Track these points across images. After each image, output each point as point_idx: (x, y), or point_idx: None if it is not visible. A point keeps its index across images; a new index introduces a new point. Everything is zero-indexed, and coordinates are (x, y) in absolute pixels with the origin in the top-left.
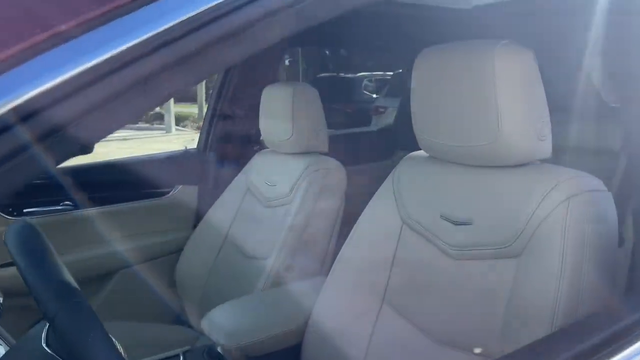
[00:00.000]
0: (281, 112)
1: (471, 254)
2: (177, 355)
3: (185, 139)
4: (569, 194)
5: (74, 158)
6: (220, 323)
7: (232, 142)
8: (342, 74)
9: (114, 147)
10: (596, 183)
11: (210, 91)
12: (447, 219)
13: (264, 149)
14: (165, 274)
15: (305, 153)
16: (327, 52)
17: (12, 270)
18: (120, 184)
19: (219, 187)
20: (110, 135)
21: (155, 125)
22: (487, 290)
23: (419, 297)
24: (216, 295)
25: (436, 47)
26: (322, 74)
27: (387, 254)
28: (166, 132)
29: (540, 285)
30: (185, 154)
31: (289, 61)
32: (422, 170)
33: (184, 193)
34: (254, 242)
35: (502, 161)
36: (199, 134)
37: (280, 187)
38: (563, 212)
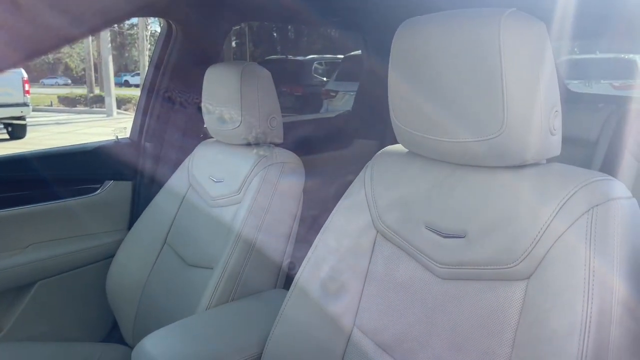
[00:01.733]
0: (227, 96)
1: (463, 273)
2: None
3: (128, 124)
4: (591, 202)
5: None
6: (153, 356)
7: (171, 130)
8: (291, 57)
9: (49, 132)
10: (621, 188)
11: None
12: (433, 230)
13: (208, 138)
14: (94, 284)
15: (257, 144)
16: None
17: None
18: (39, 180)
19: (157, 183)
20: (45, 118)
21: (95, 109)
22: (484, 320)
23: (396, 323)
24: (153, 310)
25: (422, 17)
26: (271, 56)
27: (358, 268)
28: (107, 116)
29: (561, 315)
30: (116, 145)
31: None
32: (401, 169)
33: (116, 190)
34: (196, 248)
35: (505, 160)
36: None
37: (227, 183)
38: (585, 225)
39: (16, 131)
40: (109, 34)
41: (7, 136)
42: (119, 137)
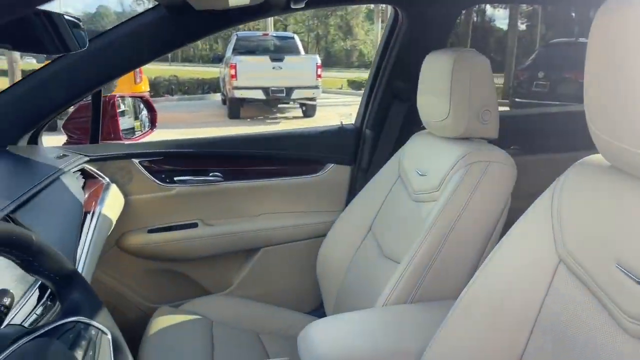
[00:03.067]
0: (437, 85)
1: None
2: None
3: None
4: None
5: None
6: (313, 342)
7: (391, 119)
8: (582, 39)
9: (334, 112)
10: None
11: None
12: (627, 271)
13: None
14: (308, 258)
15: (465, 139)
16: (573, 13)
17: None
18: (269, 158)
19: (375, 169)
20: (333, 100)
21: None
22: None
23: None
24: (349, 293)
25: None
26: (558, 39)
27: (531, 300)
28: None
29: None
30: (340, 131)
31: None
32: (597, 187)
33: (336, 173)
34: (392, 241)
35: None
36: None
37: (429, 178)
38: None
39: (308, 110)
40: None
41: (301, 114)
42: (343, 123)
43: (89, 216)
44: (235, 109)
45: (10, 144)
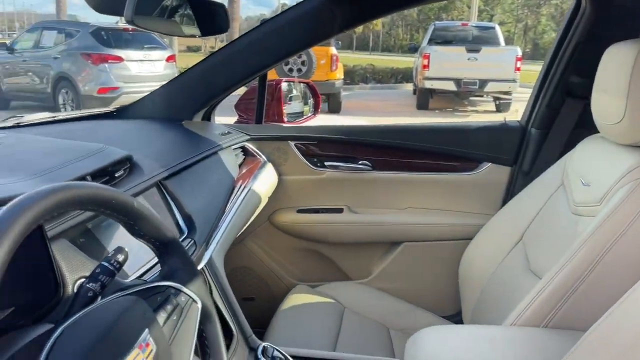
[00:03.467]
0: (614, 82)
1: None
2: None
3: None
4: None
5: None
6: (421, 348)
7: (562, 119)
8: None
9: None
10: None
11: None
12: None
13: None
14: (450, 260)
15: None
16: None
17: None
18: (422, 151)
19: (537, 173)
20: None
21: None
22: None
23: None
24: (489, 303)
25: None
26: None
27: None
28: None
29: None
30: (502, 128)
31: None
32: None
33: (493, 173)
34: (541, 255)
35: None
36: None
37: (592, 190)
38: None
39: (502, 105)
40: None
41: (493, 109)
42: (506, 120)
43: (238, 190)
44: (424, 99)
45: (187, 120)
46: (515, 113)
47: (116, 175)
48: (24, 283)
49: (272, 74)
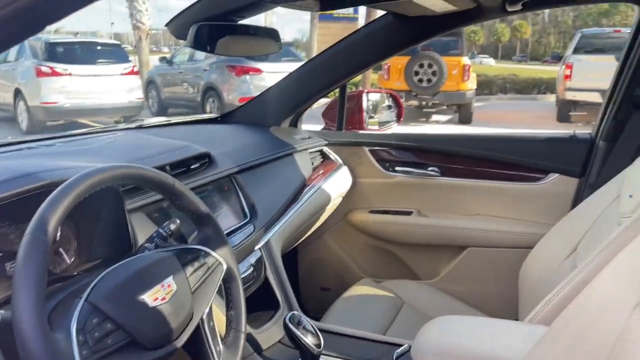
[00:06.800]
0: None
1: None
2: None
3: None
4: None
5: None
6: (427, 332)
7: (629, 131)
8: None
9: None
10: None
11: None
12: None
13: None
14: (512, 268)
15: None
16: None
17: None
18: (490, 160)
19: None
20: None
21: None
22: None
23: None
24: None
25: None
26: None
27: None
28: None
29: None
30: (571, 139)
31: None
32: None
33: (560, 184)
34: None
35: None
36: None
37: (634, 200)
38: None
39: None
40: None
41: None
42: (576, 132)
43: (308, 188)
44: (565, 111)
45: (275, 125)
46: None
47: (192, 167)
48: (108, 241)
49: (403, 84)
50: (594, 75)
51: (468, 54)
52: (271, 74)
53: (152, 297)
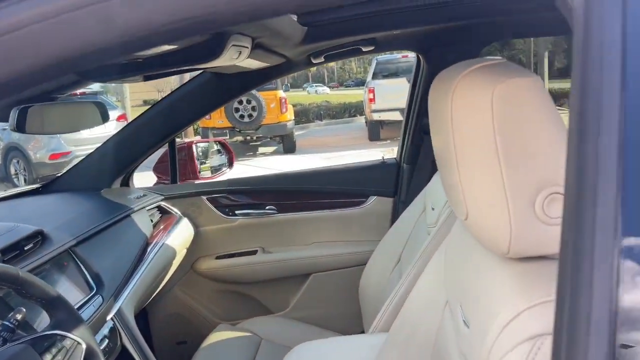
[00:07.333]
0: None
1: None
2: None
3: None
4: None
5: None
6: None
7: (424, 154)
8: None
9: None
10: None
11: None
12: None
13: None
14: (353, 284)
15: None
16: None
17: None
18: (318, 192)
19: (411, 201)
20: None
21: None
22: None
23: None
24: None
25: None
26: None
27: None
28: None
29: None
30: (382, 165)
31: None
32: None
33: (379, 205)
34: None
35: None
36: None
37: (435, 212)
38: None
39: None
40: None
41: None
42: (384, 158)
43: (151, 247)
44: (375, 131)
45: (106, 187)
46: None
47: (26, 249)
48: None
49: (226, 122)
50: (392, 97)
51: (281, 87)
52: None
53: None
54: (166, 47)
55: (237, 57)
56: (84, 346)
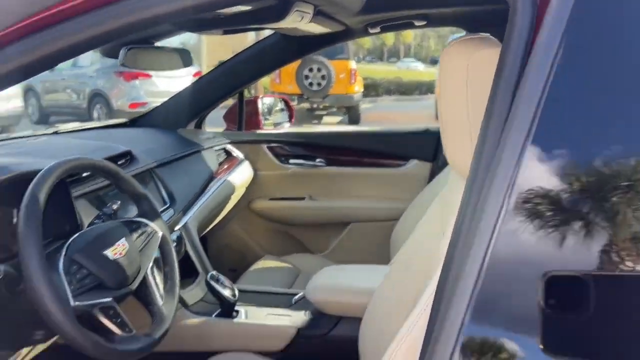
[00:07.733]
0: None
1: None
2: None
3: None
4: None
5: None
6: (316, 277)
7: None
8: None
9: None
10: None
11: None
12: None
13: None
14: (385, 236)
15: None
16: None
17: None
18: (364, 150)
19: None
20: None
21: None
22: None
23: None
24: None
25: None
26: None
27: None
28: None
29: None
30: (425, 132)
31: None
32: None
33: (418, 168)
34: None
35: None
36: None
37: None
38: None
39: None
40: None
41: None
42: (428, 126)
43: (215, 180)
44: None
45: (181, 127)
46: None
47: (118, 163)
48: (58, 222)
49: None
50: None
51: (353, 58)
52: (160, 78)
53: (112, 252)
54: (242, 8)
55: (300, 21)
56: (160, 234)
